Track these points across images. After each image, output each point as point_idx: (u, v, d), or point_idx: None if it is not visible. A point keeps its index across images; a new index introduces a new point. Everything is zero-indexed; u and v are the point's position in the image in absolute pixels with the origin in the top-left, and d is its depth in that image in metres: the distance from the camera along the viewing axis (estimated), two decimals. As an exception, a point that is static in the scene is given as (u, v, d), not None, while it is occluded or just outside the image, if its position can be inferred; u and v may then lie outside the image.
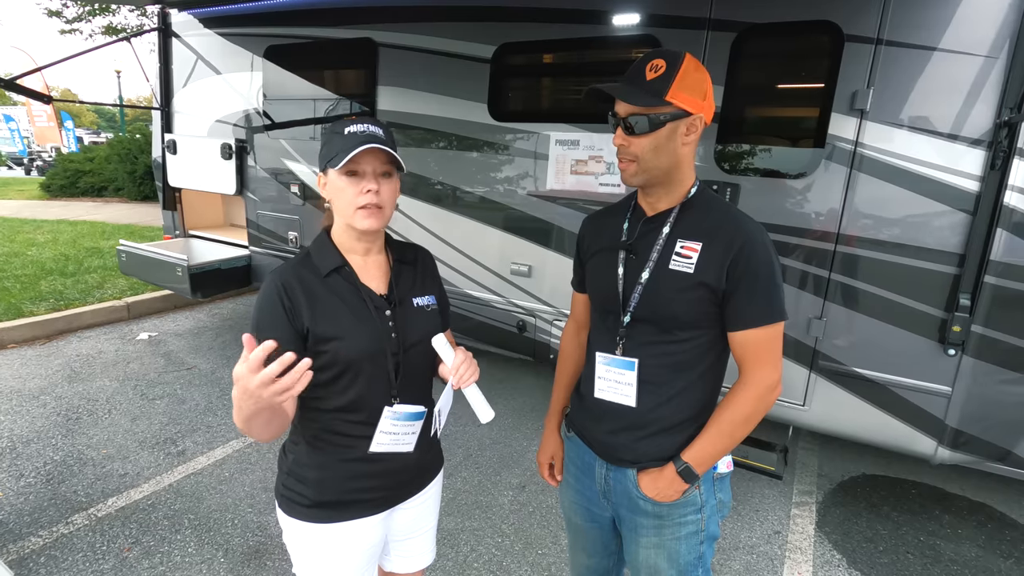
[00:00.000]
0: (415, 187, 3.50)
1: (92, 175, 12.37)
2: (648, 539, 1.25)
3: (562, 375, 1.50)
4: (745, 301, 1.12)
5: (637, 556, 1.29)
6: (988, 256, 2.18)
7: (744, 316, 1.13)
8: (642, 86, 1.11)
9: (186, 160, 4.52)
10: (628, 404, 1.22)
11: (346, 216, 1.14)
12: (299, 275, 1.14)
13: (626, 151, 1.15)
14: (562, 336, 1.52)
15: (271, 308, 1.11)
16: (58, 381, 3.77)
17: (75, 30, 11.18)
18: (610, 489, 1.30)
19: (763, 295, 1.11)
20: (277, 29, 3.92)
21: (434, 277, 1.34)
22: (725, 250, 1.11)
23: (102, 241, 7.50)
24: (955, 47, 2.17)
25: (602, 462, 1.29)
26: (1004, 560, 2.47)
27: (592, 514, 1.38)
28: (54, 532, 2.39)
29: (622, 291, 1.21)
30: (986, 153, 2.16)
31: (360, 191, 1.11)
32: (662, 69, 1.10)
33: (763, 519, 2.69)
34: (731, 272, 1.11)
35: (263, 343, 0.89)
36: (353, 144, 1.08)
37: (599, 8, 2.83)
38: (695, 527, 1.23)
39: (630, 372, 1.20)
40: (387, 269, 1.24)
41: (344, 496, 1.20)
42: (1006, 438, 2.33)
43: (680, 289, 1.14)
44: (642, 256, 1.20)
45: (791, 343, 2.60)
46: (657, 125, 1.10)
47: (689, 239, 1.15)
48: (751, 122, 2.77)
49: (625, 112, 1.13)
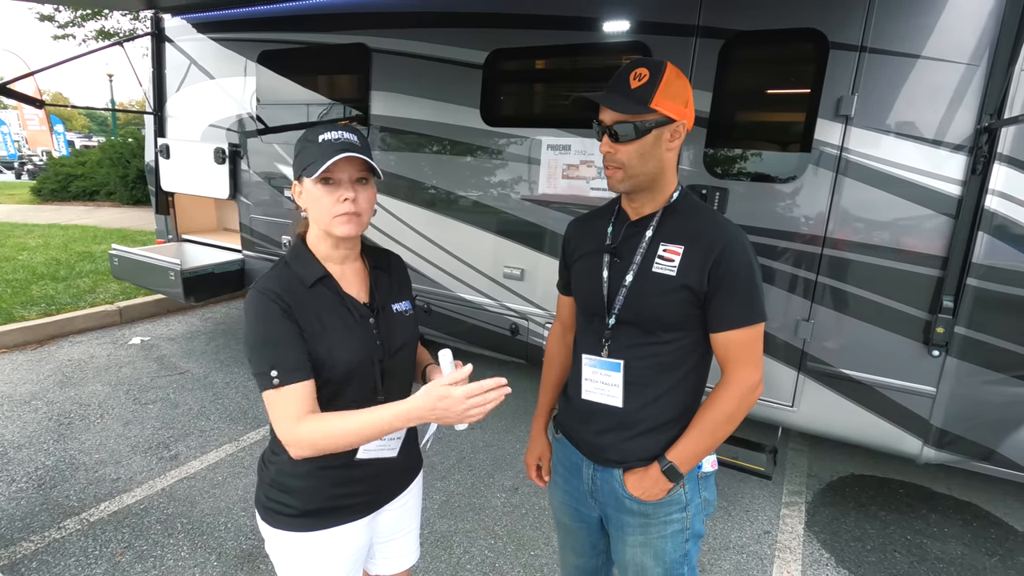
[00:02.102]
0: (409, 191, 3.52)
1: (84, 179, 12.30)
2: (634, 538, 1.28)
3: (548, 376, 1.52)
4: (726, 303, 1.14)
5: (624, 555, 1.31)
6: (970, 259, 2.23)
7: (726, 318, 1.15)
8: (627, 94, 1.13)
9: (179, 164, 4.52)
10: (615, 405, 1.24)
11: (323, 224, 1.13)
12: (286, 286, 1.11)
13: (613, 158, 1.17)
14: (548, 338, 1.54)
15: (274, 317, 1.07)
16: (50, 386, 3.76)
17: (68, 35, 11.14)
18: (597, 489, 1.32)
19: (744, 297, 1.14)
20: (271, 34, 3.94)
21: (407, 281, 1.35)
22: (706, 253, 1.14)
23: (94, 245, 7.46)
24: (937, 55, 2.22)
25: (589, 463, 1.32)
26: (989, 558, 2.51)
27: (580, 514, 1.41)
28: (46, 537, 2.38)
29: (607, 294, 1.24)
30: (967, 158, 2.21)
31: (337, 199, 1.10)
32: (646, 77, 1.12)
33: (753, 519, 2.72)
34: (712, 274, 1.13)
35: (464, 368, 1.03)
36: (329, 152, 1.07)
37: (590, 15, 2.87)
38: (680, 525, 1.26)
39: (616, 373, 1.22)
40: (365, 276, 1.24)
41: (330, 503, 1.21)
42: (990, 438, 2.37)
43: (663, 291, 1.17)
44: (626, 259, 1.22)
45: (780, 345, 2.64)
46: (643, 132, 1.13)
47: (672, 242, 1.18)
48: (739, 127, 2.82)
49: (611, 120, 1.15)
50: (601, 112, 1.18)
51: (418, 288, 3.58)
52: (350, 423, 1.04)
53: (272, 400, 1.06)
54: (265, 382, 1.05)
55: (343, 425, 1.04)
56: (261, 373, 1.06)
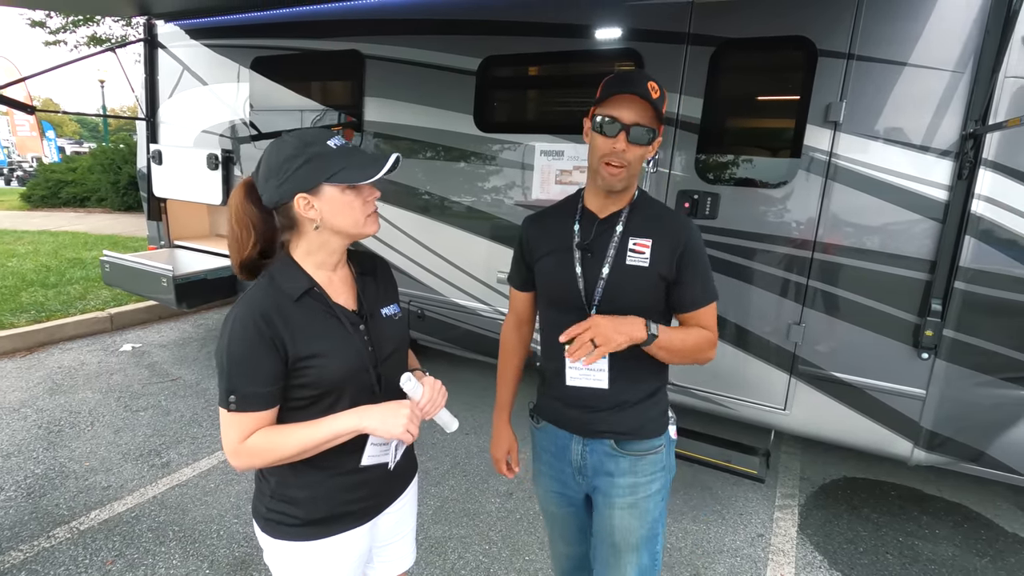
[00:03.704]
0: (403, 197, 3.52)
1: (74, 185, 12.21)
2: (623, 499, 1.37)
3: (506, 369, 1.58)
4: (691, 287, 1.31)
5: (612, 520, 1.38)
6: (957, 262, 2.26)
7: (695, 300, 1.32)
8: (652, 101, 1.21)
9: (172, 170, 4.51)
10: (601, 388, 1.34)
11: (355, 227, 1.13)
12: (273, 301, 1.10)
13: (622, 156, 1.23)
14: (503, 331, 1.59)
15: (250, 342, 1.06)
16: (39, 394, 3.72)
17: (59, 41, 11.09)
18: (586, 464, 1.41)
19: (704, 281, 1.32)
20: (264, 41, 3.95)
21: (394, 285, 1.35)
22: (674, 244, 1.29)
23: (84, 252, 7.40)
24: (923, 62, 2.26)
25: (578, 438, 1.41)
26: (980, 559, 2.53)
27: (567, 499, 1.49)
28: (35, 546, 2.35)
29: (584, 288, 1.33)
30: (953, 163, 2.25)
31: (365, 199, 1.13)
32: (659, 92, 1.23)
33: (747, 522, 2.73)
34: (680, 263, 1.29)
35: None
36: (359, 159, 1.09)
37: (582, 22, 2.90)
38: (660, 484, 1.40)
39: (602, 359, 1.30)
40: (352, 283, 1.24)
41: (335, 510, 1.20)
42: (979, 439, 2.40)
43: (639, 281, 1.30)
44: (599, 254, 1.32)
45: (772, 348, 2.67)
46: (654, 139, 1.25)
47: (640, 236, 1.31)
48: (730, 133, 2.85)
49: (632, 120, 1.22)
50: (617, 109, 1.22)
51: (412, 293, 3.58)
52: (296, 436, 1.09)
53: (224, 418, 1.09)
54: (223, 399, 1.08)
55: (283, 443, 1.08)
56: (221, 389, 1.08)
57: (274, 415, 1.12)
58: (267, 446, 1.08)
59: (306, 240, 1.15)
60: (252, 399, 1.07)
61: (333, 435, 1.09)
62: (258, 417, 1.09)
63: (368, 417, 1.10)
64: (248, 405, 1.07)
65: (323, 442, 1.09)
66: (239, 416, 1.07)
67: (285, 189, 1.08)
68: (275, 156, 1.09)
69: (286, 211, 1.12)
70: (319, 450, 1.11)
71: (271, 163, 1.09)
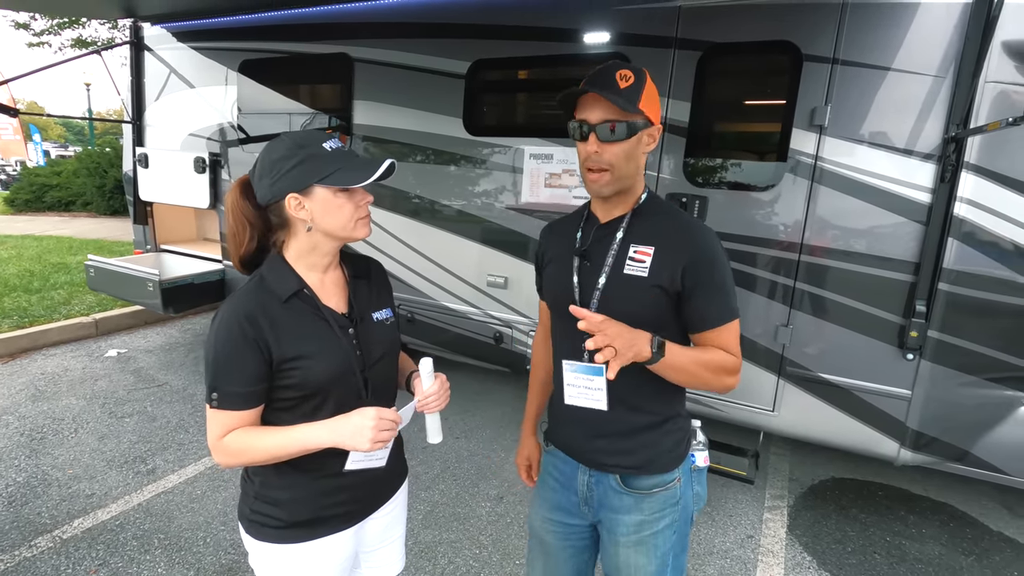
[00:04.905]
0: (393, 201, 3.51)
1: (59, 189, 12.04)
2: (627, 537, 1.28)
3: (535, 381, 1.54)
4: (704, 305, 1.17)
5: (617, 557, 1.31)
6: (941, 264, 2.29)
7: (707, 319, 1.18)
8: (618, 92, 1.11)
9: (158, 174, 4.46)
10: (600, 408, 1.22)
11: (345, 230, 1.13)
12: (260, 302, 1.10)
13: (600, 159, 1.14)
14: (533, 343, 1.55)
15: (234, 342, 1.07)
16: (22, 400, 3.66)
17: (44, 43, 10.96)
18: (591, 495, 1.32)
19: (719, 298, 1.17)
20: (252, 44, 3.92)
21: (388, 289, 1.34)
22: (678, 255, 1.15)
23: (69, 256, 7.30)
24: (906, 67, 2.30)
25: (584, 469, 1.32)
26: (965, 557, 2.55)
27: (568, 529, 1.38)
28: (16, 556, 2.31)
29: (579, 297, 1.24)
30: (936, 167, 2.28)
31: (357, 203, 1.12)
32: (631, 79, 1.12)
33: (736, 524, 2.74)
34: (686, 277, 1.15)
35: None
36: (353, 163, 1.09)
37: (571, 27, 2.91)
38: (672, 518, 1.28)
39: (599, 378, 1.21)
40: (344, 285, 1.23)
41: (317, 513, 1.20)
42: (964, 439, 2.42)
43: (636, 293, 1.18)
44: (596, 262, 1.23)
45: (760, 350, 2.68)
46: (633, 132, 1.13)
47: (641, 244, 1.19)
48: (718, 137, 2.88)
49: (598, 119, 1.12)
50: (584, 111, 1.15)
51: (402, 297, 3.57)
52: (266, 442, 1.09)
53: (208, 414, 1.12)
54: (207, 396, 1.10)
55: (260, 444, 1.09)
56: (207, 386, 1.10)
57: (257, 414, 1.13)
58: (241, 447, 1.10)
59: (298, 241, 1.16)
60: (233, 398, 1.09)
61: (302, 447, 1.09)
62: (238, 416, 1.10)
63: (338, 432, 1.08)
64: (229, 403, 1.09)
65: (294, 452, 1.10)
66: (220, 413, 1.10)
67: (277, 188, 1.09)
68: (270, 155, 1.11)
69: (279, 210, 1.13)
70: (292, 457, 1.11)
71: (265, 162, 1.11)
